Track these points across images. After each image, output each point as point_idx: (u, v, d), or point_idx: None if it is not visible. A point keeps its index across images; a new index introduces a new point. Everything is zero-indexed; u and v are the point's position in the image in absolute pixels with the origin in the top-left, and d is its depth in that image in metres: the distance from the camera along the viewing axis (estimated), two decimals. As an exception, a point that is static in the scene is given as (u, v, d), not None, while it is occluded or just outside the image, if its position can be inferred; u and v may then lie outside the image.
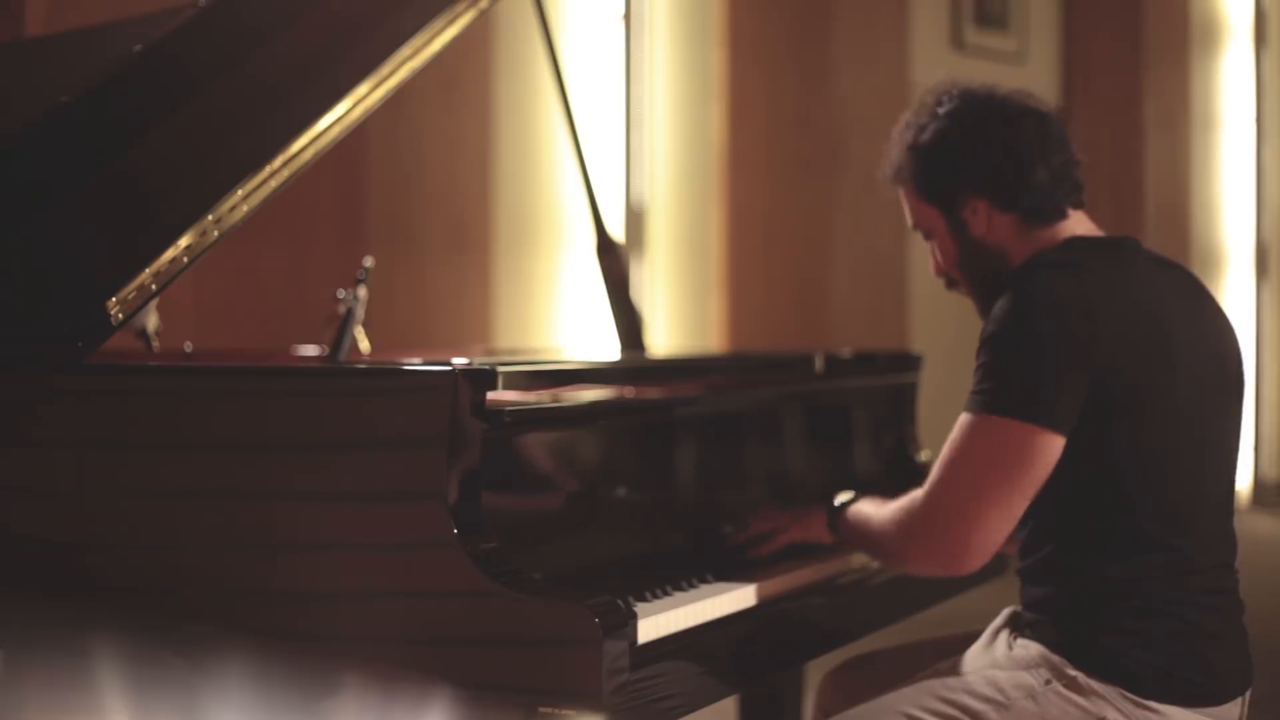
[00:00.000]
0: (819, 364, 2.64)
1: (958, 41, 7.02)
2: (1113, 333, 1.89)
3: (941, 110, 2.12)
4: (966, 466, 1.89)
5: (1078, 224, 2.08)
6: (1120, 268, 1.97)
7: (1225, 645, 1.94)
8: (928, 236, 2.18)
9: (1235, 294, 8.44)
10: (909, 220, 2.20)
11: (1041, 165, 2.06)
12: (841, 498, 2.18)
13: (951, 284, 2.21)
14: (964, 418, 1.91)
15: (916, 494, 1.97)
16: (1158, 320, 1.93)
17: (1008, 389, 1.88)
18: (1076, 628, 1.91)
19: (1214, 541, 1.96)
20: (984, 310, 2.11)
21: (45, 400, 1.97)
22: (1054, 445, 1.88)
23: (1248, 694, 1.96)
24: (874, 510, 2.07)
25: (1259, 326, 8.57)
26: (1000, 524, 1.89)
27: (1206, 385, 1.97)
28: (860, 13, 6.31)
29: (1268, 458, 8.61)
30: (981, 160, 2.07)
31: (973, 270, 2.13)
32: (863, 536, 2.10)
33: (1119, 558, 1.90)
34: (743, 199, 5.97)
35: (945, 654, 2.13)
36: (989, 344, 1.92)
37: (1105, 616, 1.90)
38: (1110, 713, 1.86)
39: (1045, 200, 2.06)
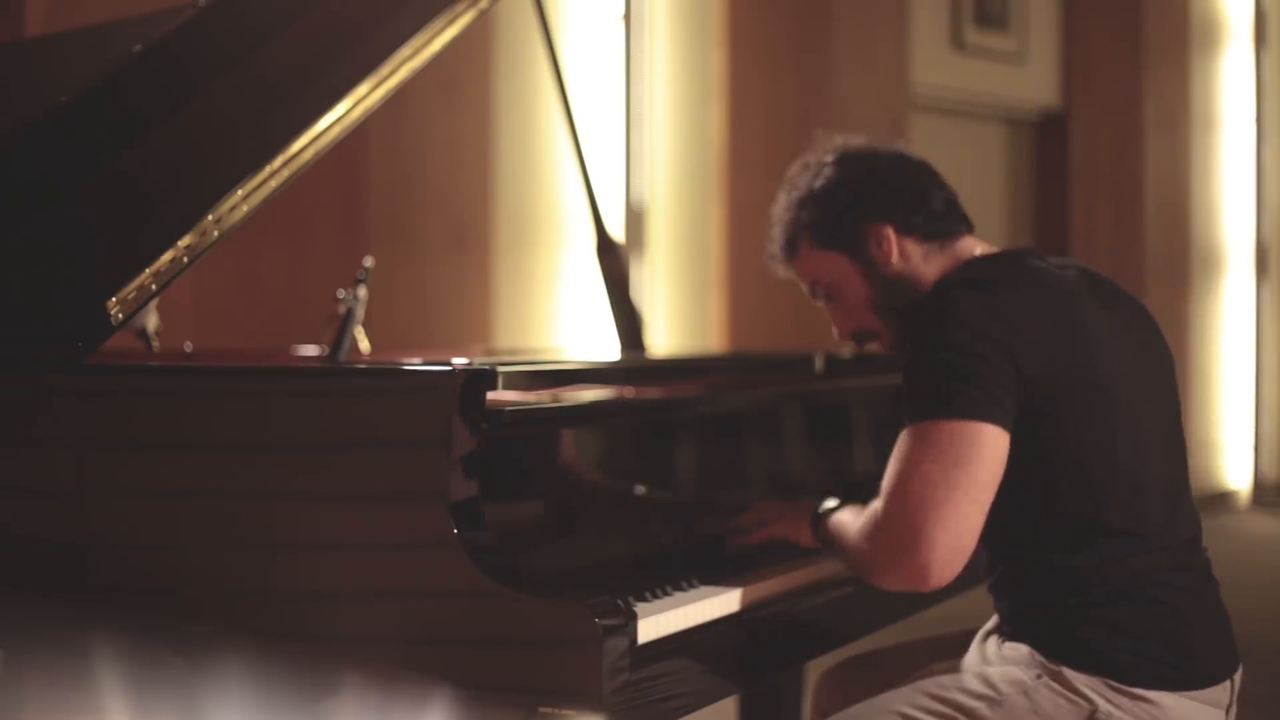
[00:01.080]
0: (819, 364, 2.64)
1: (958, 41, 7.02)
2: (1029, 337, 1.88)
3: (826, 160, 2.16)
4: (915, 473, 1.84)
5: (975, 244, 2.12)
6: (1026, 275, 1.97)
7: (1201, 625, 1.94)
8: (830, 298, 2.17)
9: (1235, 294, 8.44)
10: (806, 288, 2.19)
11: (935, 191, 2.12)
12: (828, 504, 2.14)
13: (864, 339, 2.19)
14: (903, 432, 1.89)
15: (875, 508, 1.90)
16: (1070, 319, 1.94)
17: (936, 393, 1.85)
18: (1052, 624, 1.92)
19: (1170, 521, 1.97)
20: (899, 347, 2.14)
21: (45, 400, 1.97)
22: (996, 439, 1.84)
23: (1237, 676, 1.96)
24: (850, 521, 2.02)
25: (1259, 326, 8.58)
26: (960, 528, 1.82)
27: (1131, 371, 1.98)
28: (860, 13, 6.31)
29: (1268, 458, 8.61)
30: (880, 187, 2.10)
31: (887, 306, 2.12)
32: (839, 549, 2.05)
33: (1076, 549, 1.91)
34: (743, 199, 5.97)
35: (942, 654, 2.13)
36: (910, 367, 1.91)
37: (1075, 608, 1.91)
38: (1101, 704, 1.87)
39: (944, 222, 2.10)
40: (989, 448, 1.84)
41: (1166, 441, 2.02)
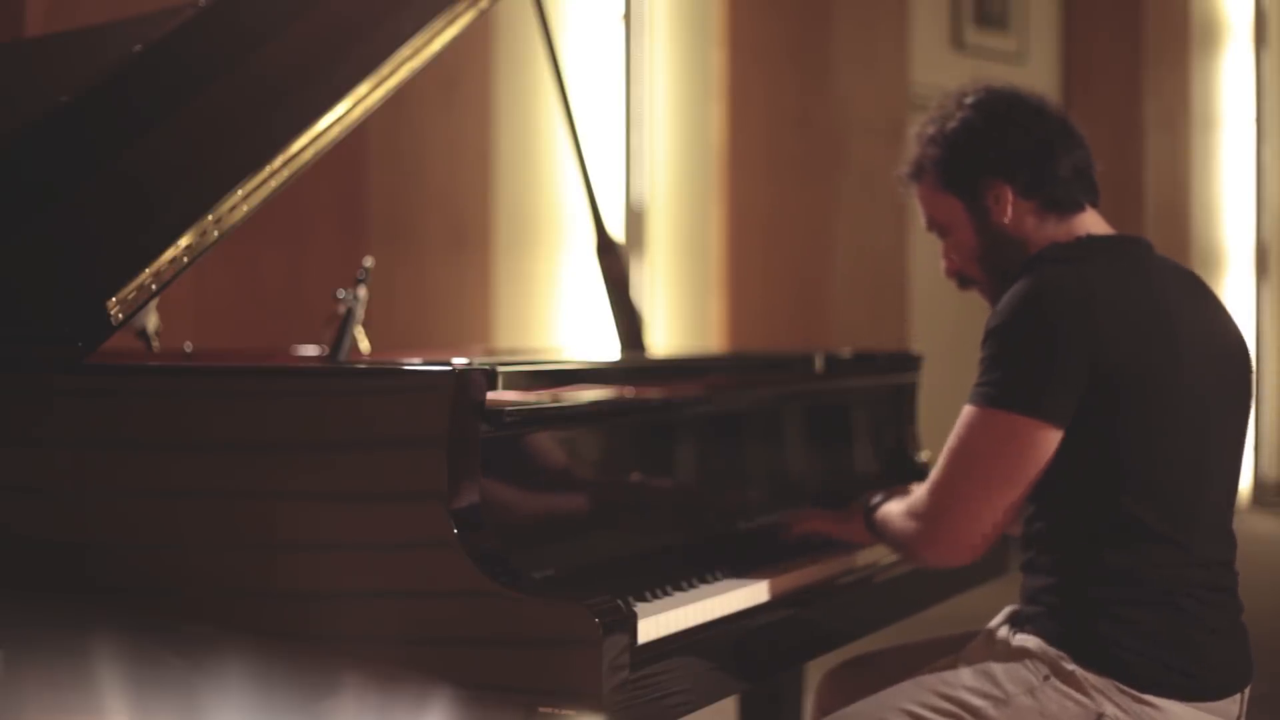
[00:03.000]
0: (819, 364, 2.64)
1: (958, 41, 7.02)
2: (1115, 326, 1.91)
3: (967, 101, 2.14)
4: (970, 459, 1.94)
5: (1093, 222, 2.10)
6: (1127, 263, 2.00)
7: (1221, 640, 1.94)
8: (944, 234, 2.17)
9: (1235, 294, 8.44)
10: (923, 220, 2.19)
11: (1065, 157, 2.08)
12: (877, 498, 2.22)
13: (964, 283, 2.20)
14: (967, 410, 1.95)
15: (923, 487, 2.02)
16: (1163, 315, 1.95)
17: (1011, 383, 1.90)
18: (1073, 617, 1.92)
19: (1213, 538, 1.97)
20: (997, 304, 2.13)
21: (45, 400, 1.97)
22: (1053, 439, 1.90)
23: (1247, 691, 1.96)
24: (893, 506, 2.13)
25: (1259, 326, 8.57)
26: (1000, 514, 1.94)
27: (1212, 382, 1.98)
28: (860, 13, 6.30)
29: (1268, 458, 8.61)
30: (1008, 144, 2.08)
31: (991, 262, 2.13)
32: (885, 534, 2.16)
33: (1117, 546, 1.92)
34: (743, 199, 5.97)
35: (944, 654, 2.13)
36: (993, 337, 1.95)
37: (1102, 604, 1.91)
38: (1108, 707, 1.87)
39: (1065, 191, 2.08)
40: (1041, 445, 1.90)
41: (1227, 458, 2.02)
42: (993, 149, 2.09)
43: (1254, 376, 2.09)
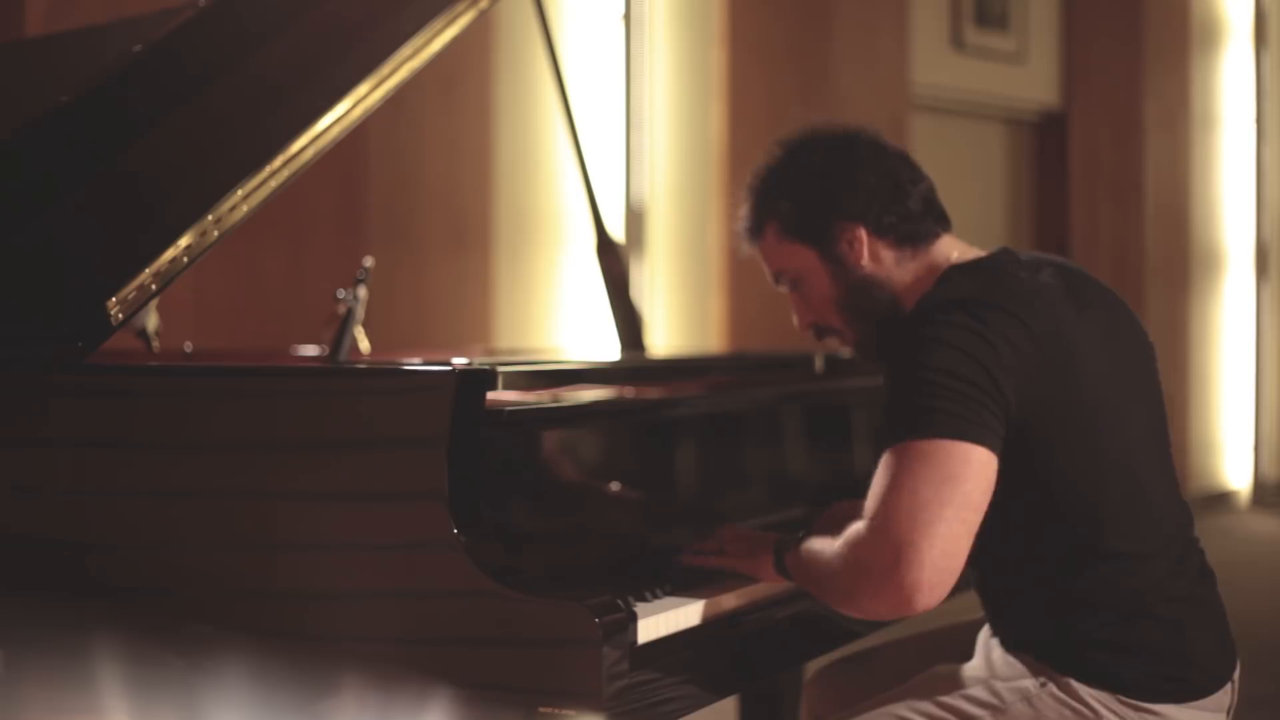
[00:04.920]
0: (819, 364, 2.64)
1: (958, 41, 7.02)
2: (1014, 364, 1.81)
3: (801, 145, 2.06)
4: (898, 495, 1.74)
5: (950, 247, 2.02)
6: (1005, 291, 1.88)
7: (1202, 633, 1.93)
8: (794, 286, 2.06)
9: (1235, 294, 8.44)
10: (769, 275, 2.09)
11: (912, 189, 2.01)
12: (787, 538, 1.99)
13: (822, 334, 2.10)
14: (885, 455, 1.80)
15: (856, 529, 1.80)
16: (1054, 335, 1.86)
17: (918, 413, 1.78)
18: (1056, 646, 1.90)
19: (1164, 525, 1.94)
20: (867, 352, 2.06)
21: (45, 400, 1.97)
22: (983, 460, 1.77)
23: (1236, 674, 1.95)
24: (819, 547, 1.88)
25: (1259, 326, 8.57)
26: (950, 548, 1.73)
27: (1118, 379, 1.93)
28: (860, 13, 6.31)
29: (1268, 458, 8.61)
30: (856, 184, 1.99)
31: (853, 309, 2.03)
32: (811, 582, 1.91)
33: (1079, 575, 1.88)
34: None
35: (935, 650, 2.12)
36: (892, 389, 1.84)
37: (1082, 633, 1.88)
38: (1106, 715, 1.86)
39: (919, 225, 2.00)
40: (979, 468, 1.77)
41: (1155, 442, 1.99)
42: (841, 191, 1.99)
43: (1155, 356, 2.02)
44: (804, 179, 2.02)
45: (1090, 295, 1.98)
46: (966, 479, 1.76)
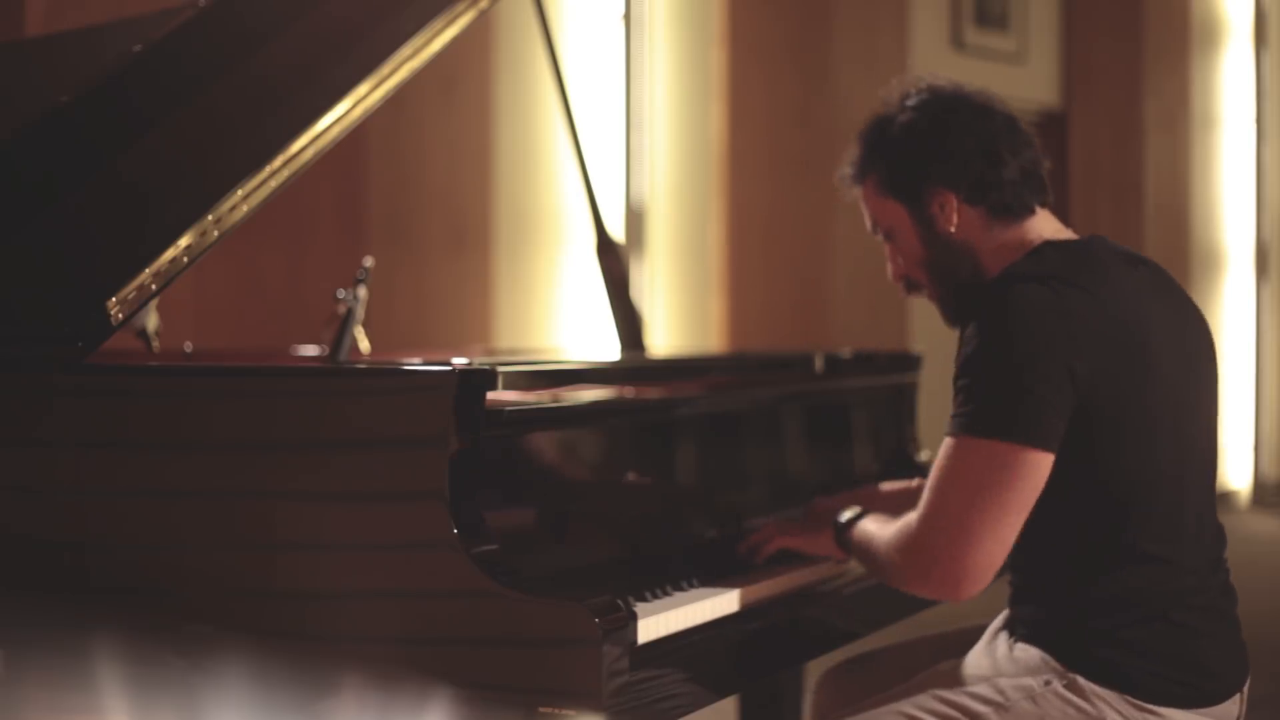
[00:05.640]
0: (819, 364, 2.64)
1: (958, 41, 7.02)
2: (1092, 350, 1.84)
3: (909, 103, 2.07)
4: (956, 491, 1.83)
5: (1045, 223, 2.03)
6: (1094, 276, 1.91)
7: (1220, 645, 1.93)
8: (888, 238, 2.10)
9: (1235, 294, 8.44)
10: (867, 222, 2.13)
11: (1012, 160, 2.00)
12: (847, 514, 2.12)
13: (911, 288, 2.13)
14: (948, 441, 1.86)
15: (911, 518, 1.90)
16: (1134, 329, 1.88)
17: (990, 409, 1.83)
18: (1072, 641, 1.90)
19: (1202, 543, 1.95)
20: (948, 313, 2.09)
21: (45, 400, 1.97)
22: (1042, 463, 1.83)
23: (1245, 688, 1.96)
24: (877, 530, 2.01)
25: (1259, 326, 8.58)
26: (995, 547, 1.83)
27: (1186, 388, 1.94)
28: (860, 13, 6.31)
29: (1268, 458, 8.61)
30: (952, 151, 2.00)
31: (938, 270, 2.06)
32: (866, 558, 2.05)
33: (1109, 572, 1.89)
34: (743, 199, 5.97)
35: (942, 653, 2.12)
36: (968, 364, 1.87)
37: (1100, 630, 1.88)
38: (1111, 715, 1.86)
39: (1014, 197, 2.00)
40: (1033, 471, 1.82)
41: (1206, 455, 1.99)
42: (936, 156, 2.01)
43: (1220, 366, 2.04)
44: (905, 138, 2.04)
45: (1173, 297, 2.00)
46: (1020, 484, 1.82)
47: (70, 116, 2.31)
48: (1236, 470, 8.45)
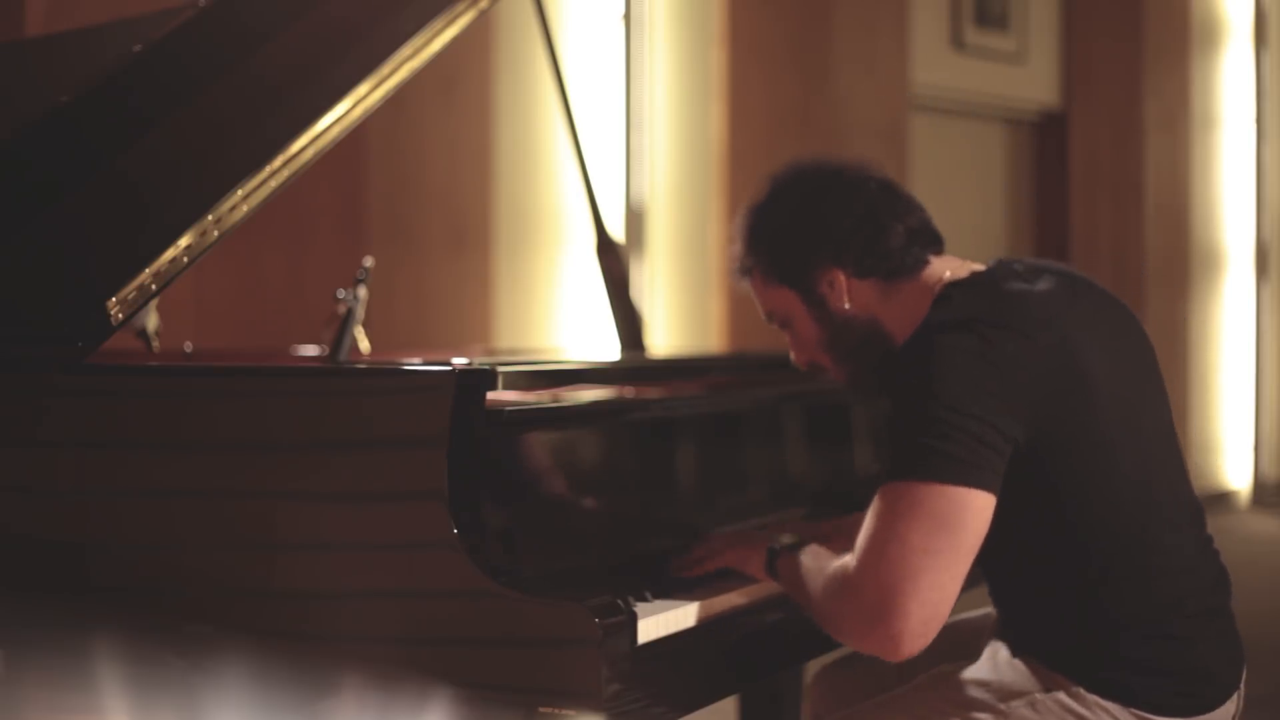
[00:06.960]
0: (819, 364, 2.63)
1: (958, 41, 7.02)
2: (1022, 384, 1.79)
3: (778, 188, 2.03)
4: (892, 540, 1.73)
5: (940, 265, 1.97)
6: (1015, 311, 1.85)
7: (1219, 644, 1.92)
8: (784, 325, 2.05)
9: (1235, 294, 8.44)
10: (761, 314, 2.08)
11: (895, 224, 1.96)
12: (784, 539, 1.99)
13: (818, 370, 2.08)
14: (883, 488, 1.78)
15: (848, 563, 1.79)
16: (1062, 348, 1.84)
17: (923, 453, 1.75)
18: (1069, 661, 1.88)
19: (1178, 528, 1.92)
20: (857, 385, 2.06)
21: (45, 400, 1.97)
22: (983, 505, 1.75)
23: (1242, 686, 1.95)
24: (812, 566, 1.89)
25: (1259, 326, 8.57)
26: (936, 598, 1.73)
27: (1132, 400, 1.91)
28: (860, 13, 6.31)
29: (1268, 458, 8.61)
30: (830, 230, 1.96)
31: (839, 348, 2.01)
32: (799, 596, 1.91)
33: (1094, 599, 1.86)
34: (743, 199, 5.94)
35: (937, 650, 2.12)
36: (899, 412, 1.81)
37: (1097, 653, 1.87)
38: (1110, 722, 1.86)
39: (904, 259, 1.96)
40: (975, 514, 1.75)
41: (1166, 446, 1.97)
42: (815, 238, 1.96)
43: (1156, 358, 1.99)
44: (781, 224, 2.00)
45: (1092, 301, 1.96)
46: (960, 526, 1.74)
47: (70, 116, 2.31)
48: (1236, 470, 8.45)
